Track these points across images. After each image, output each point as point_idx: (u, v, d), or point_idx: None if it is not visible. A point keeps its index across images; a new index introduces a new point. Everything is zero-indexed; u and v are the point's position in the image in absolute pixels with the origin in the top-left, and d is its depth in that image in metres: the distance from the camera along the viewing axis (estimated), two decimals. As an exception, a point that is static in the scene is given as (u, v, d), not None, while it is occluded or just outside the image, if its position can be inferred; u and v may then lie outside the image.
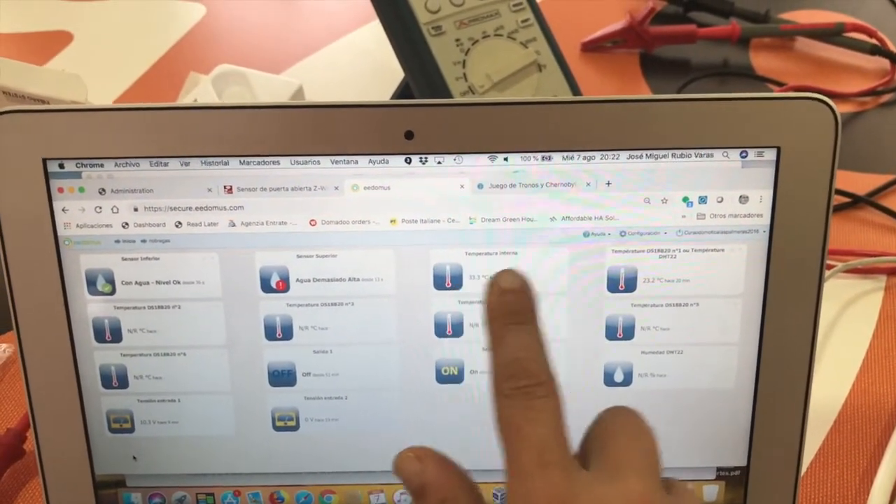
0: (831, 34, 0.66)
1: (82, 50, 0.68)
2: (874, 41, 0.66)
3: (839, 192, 0.53)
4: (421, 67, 0.50)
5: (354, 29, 0.70)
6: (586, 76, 0.64)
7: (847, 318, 0.46)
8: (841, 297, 0.47)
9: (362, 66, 0.65)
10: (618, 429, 0.26)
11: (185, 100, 0.55)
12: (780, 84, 0.63)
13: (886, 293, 0.48)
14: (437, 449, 0.34)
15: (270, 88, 0.54)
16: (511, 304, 0.25)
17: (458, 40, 0.50)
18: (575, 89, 0.52)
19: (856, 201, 0.53)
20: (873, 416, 0.42)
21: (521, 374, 0.24)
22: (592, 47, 0.67)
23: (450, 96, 0.50)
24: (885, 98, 0.63)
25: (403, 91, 0.57)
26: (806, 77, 0.65)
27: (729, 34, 0.66)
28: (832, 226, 0.52)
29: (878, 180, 0.55)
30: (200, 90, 0.53)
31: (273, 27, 0.71)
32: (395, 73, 0.55)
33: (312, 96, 0.59)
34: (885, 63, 0.66)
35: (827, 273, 0.47)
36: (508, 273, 0.25)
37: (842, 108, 0.62)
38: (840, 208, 0.53)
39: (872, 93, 0.63)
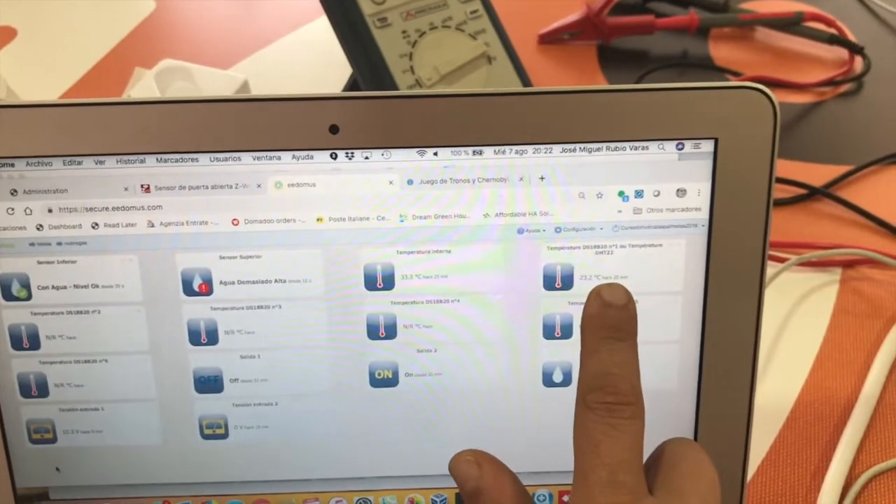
0: (790, 24, 0.66)
1: (26, 46, 0.66)
2: (833, 31, 0.65)
3: (796, 184, 0.53)
4: (367, 61, 0.49)
5: (306, 23, 0.68)
6: (543, 68, 0.63)
7: (801, 311, 0.46)
8: (795, 291, 0.47)
9: (313, 60, 0.64)
10: (682, 460, 0.26)
11: (126, 96, 0.53)
12: (738, 74, 0.62)
13: (841, 286, 0.47)
14: (373, 454, 0.33)
15: (215, 83, 0.53)
16: (613, 318, 0.25)
17: (404, 32, 0.49)
18: (526, 81, 0.51)
19: (812, 193, 0.52)
20: (826, 411, 0.41)
21: (610, 390, 0.24)
22: (549, 39, 0.66)
23: (397, 90, 0.48)
24: (844, 88, 0.62)
25: (352, 86, 0.56)
26: (765, 67, 0.64)
27: (687, 24, 0.65)
28: (787, 218, 0.52)
29: (835, 171, 0.54)
30: (142, 86, 0.52)
31: (224, 21, 0.69)
32: (346, 68, 0.54)
33: (259, 91, 0.58)
34: (843, 53, 0.65)
35: (781, 266, 0.46)
36: (615, 287, 0.25)
37: (800, 98, 0.62)
38: (796, 200, 0.52)
39: (831, 83, 0.62)
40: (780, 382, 0.42)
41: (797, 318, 0.45)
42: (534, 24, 0.67)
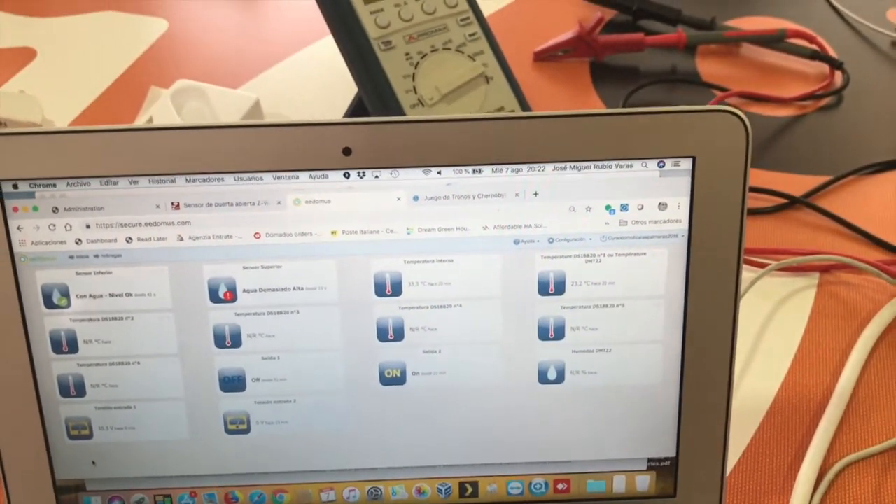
0: (773, 40, 0.69)
1: (46, 66, 0.69)
2: (814, 47, 0.68)
3: (777, 194, 0.56)
4: (372, 81, 0.52)
5: (316, 40, 0.71)
6: (538, 85, 0.66)
7: (780, 314, 0.49)
8: (775, 295, 0.50)
9: (322, 77, 0.67)
10: None
11: (145, 115, 0.56)
12: (724, 90, 0.65)
13: (819, 290, 0.50)
14: (383, 447, 0.36)
15: (228, 103, 0.56)
16: None
17: (407, 54, 0.52)
18: (521, 99, 0.54)
19: (792, 202, 0.55)
20: (803, 407, 0.44)
21: None
22: (544, 56, 0.69)
23: (400, 109, 0.52)
24: (824, 102, 0.65)
25: (358, 104, 0.59)
26: (750, 82, 0.67)
27: (675, 42, 0.68)
28: (769, 226, 0.55)
29: (814, 181, 0.57)
30: (159, 106, 0.55)
31: (235, 39, 0.73)
32: (352, 85, 0.56)
33: (271, 109, 0.61)
34: (824, 68, 0.68)
35: (761, 271, 0.49)
36: None
37: (783, 112, 0.65)
38: (777, 209, 0.55)
39: (812, 97, 0.65)
40: (760, 380, 0.45)
41: (777, 319, 0.48)
42: (530, 42, 0.70)
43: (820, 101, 0.65)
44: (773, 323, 0.48)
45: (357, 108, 0.59)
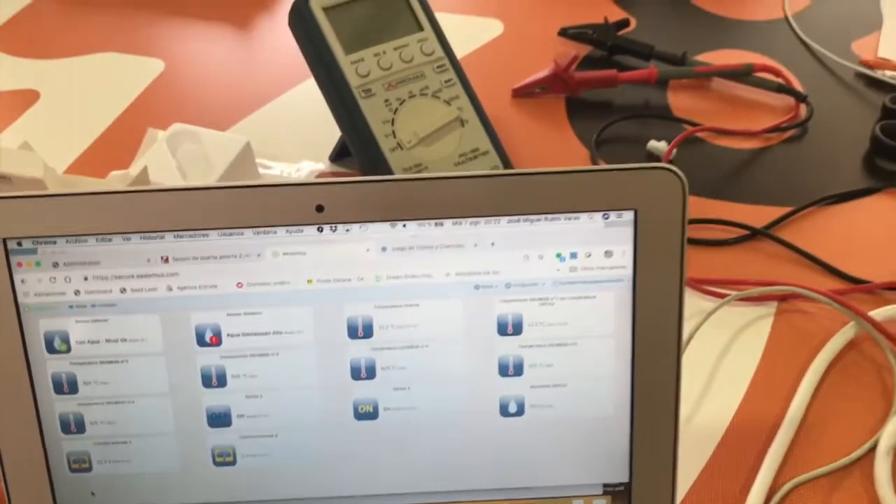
0: (741, 74, 0.72)
1: (48, 108, 0.73)
2: (780, 80, 0.72)
3: (739, 226, 0.59)
4: (354, 127, 0.55)
5: (302, 81, 0.75)
6: (516, 121, 0.70)
7: (738, 342, 0.52)
8: (734, 324, 0.53)
9: (312, 116, 0.70)
10: None
11: (142, 158, 0.60)
12: (694, 124, 0.69)
13: (776, 318, 0.53)
14: (358, 476, 0.39)
15: (220, 145, 0.59)
16: None
17: (387, 101, 0.56)
18: (495, 140, 0.57)
19: (754, 234, 0.58)
20: (756, 431, 0.47)
21: None
22: (522, 93, 0.72)
23: (380, 152, 0.55)
24: (789, 133, 0.69)
25: (342, 146, 0.62)
26: (719, 115, 0.70)
27: (647, 78, 0.71)
28: (731, 257, 0.58)
29: (778, 212, 0.61)
30: (155, 150, 0.58)
31: (231, 78, 0.76)
32: (337, 126, 0.60)
33: (262, 147, 0.64)
34: (790, 100, 0.71)
35: (721, 301, 0.52)
36: None
37: (749, 144, 0.68)
38: (739, 240, 0.58)
39: (777, 129, 0.68)
40: (716, 406, 0.48)
41: (734, 348, 0.51)
42: (508, 79, 0.73)
43: (785, 133, 0.69)
44: (731, 351, 0.51)
45: (343, 148, 0.63)
